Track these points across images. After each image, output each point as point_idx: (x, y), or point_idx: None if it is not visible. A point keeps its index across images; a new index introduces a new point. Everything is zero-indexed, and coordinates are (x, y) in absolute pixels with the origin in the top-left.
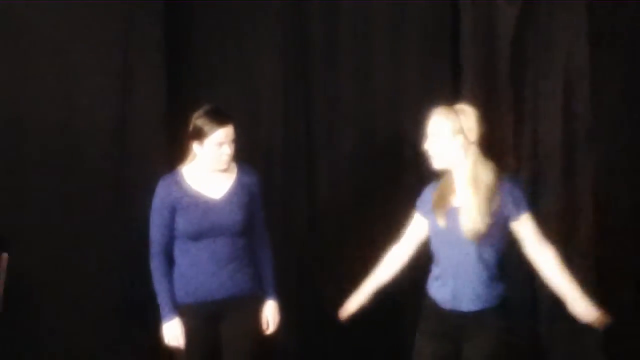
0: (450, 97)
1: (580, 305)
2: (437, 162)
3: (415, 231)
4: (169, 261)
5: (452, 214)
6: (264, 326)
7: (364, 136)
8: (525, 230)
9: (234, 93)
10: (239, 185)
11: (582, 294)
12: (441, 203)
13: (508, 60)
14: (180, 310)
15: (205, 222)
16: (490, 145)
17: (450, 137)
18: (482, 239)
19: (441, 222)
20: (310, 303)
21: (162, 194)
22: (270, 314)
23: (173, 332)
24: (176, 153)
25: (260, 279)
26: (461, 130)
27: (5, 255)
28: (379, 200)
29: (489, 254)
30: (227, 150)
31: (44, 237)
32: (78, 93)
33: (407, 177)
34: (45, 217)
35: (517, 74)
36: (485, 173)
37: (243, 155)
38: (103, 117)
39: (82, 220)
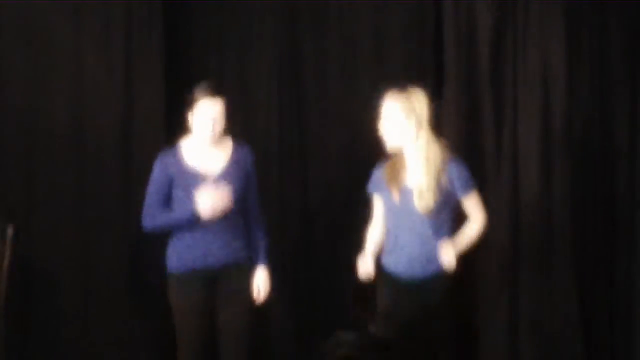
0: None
1: (447, 253)
2: (390, 142)
3: (380, 209)
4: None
5: (405, 191)
6: (255, 294)
7: (352, 133)
8: (471, 206)
9: (231, 91)
10: (234, 160)
11: (456, 251)
12: (394, 180)
13: (488, 60)
14: (177, 278)
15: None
16: (473, 145)
17: (402, 118)
18: (433, 213)
19: (395, 197)
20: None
21: (160, 166)
22: (261, 282)
23: (206, 200)
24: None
25: (252, 249)
26: (413, 112)
27: (11, 228)
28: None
29: (440, 227)
30: (213, 122)
31: (54, 224)
32: (85, 88)
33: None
34: (55, 205)
35: (496, 75)
36: (436, 153)
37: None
38: (108, 110)
39: (91, 206)
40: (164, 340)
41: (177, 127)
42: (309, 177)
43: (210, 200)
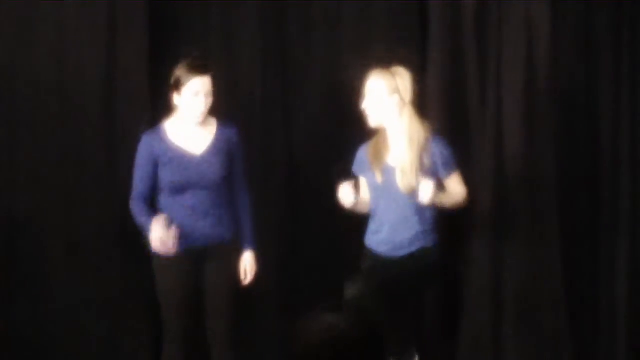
0: (417, 52)
1: (426, 188)
2: (373, 119)
3: (366, 191)
4: (149, 207)
5: (387, 170)
6: (242, 276)
7: (333, 94)
8: (453, 185)
9: (215, 51)
10: (219, 139)
11: (433, 199)
12: (378, 159)
13: (473, 20)
14: (165, 258)
15: (188, 176)
16: (457, 101)
17: (386, 96)
18: (416, 193)
19: (379, 177)
20: (288, 252)
21: (145, 149)
22: (248, 265)
23: (157, 233)
24: (159, 107)
25: (239, 228)
26: (397, 90)
27: None
28: (351, 146)
29: (424, 208)
30: (203, 100)
31: (36, 189)
32: (66, 52)
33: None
34: (36, 171)
35: (481, 33)
36: (419, 132)
37: (223, 111)
38: (90, 74)
39: (73, 171)
40: (151, 298)
41: (159, 83)
42: (292, 130)
43: (159, 238)
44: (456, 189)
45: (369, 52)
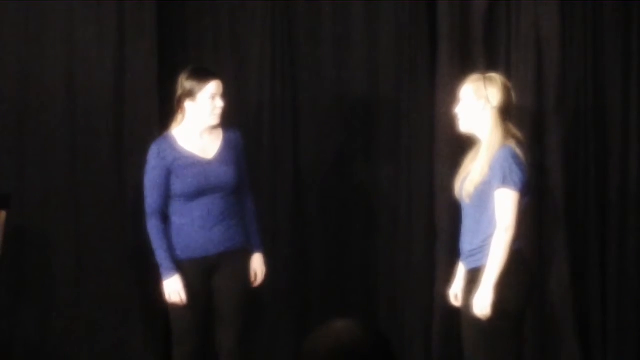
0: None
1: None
2: (462, 124)
3: None
4: (165, 220)
5: (464, 178)
6: (252, 279)
7: (344, 97)
8: (498, 204)
9: (224, 58)
10: (227, 144)
11: (490, 286)
12: (463, 167)
13: (481, 28)
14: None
15: (202, 182)
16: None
17: (474, 101)
18: (473, 200)
19: (457, 186)
20: (297, 257)
21: (156, 156)
22: (258, 267)
23: (174, 288)
24: (167, 112)
25: (248, 233)
26: (484, 96)
27: (3, 213)
28: (359, 156)
29: (482, 216)
30: (220, 102)
31: (45, 193)
32: (76, 58)
33: (382, 134)
34: (46, 177)
35: (490, 41)
36: (497, 139)
37: (232, 117)
38: (99, 81)
39: (82, 177)
40: (159, 304)
41: (169, 85)
42: (300, 136)
43: (172, 292)
44: (497, 219)
45: (376, 62)
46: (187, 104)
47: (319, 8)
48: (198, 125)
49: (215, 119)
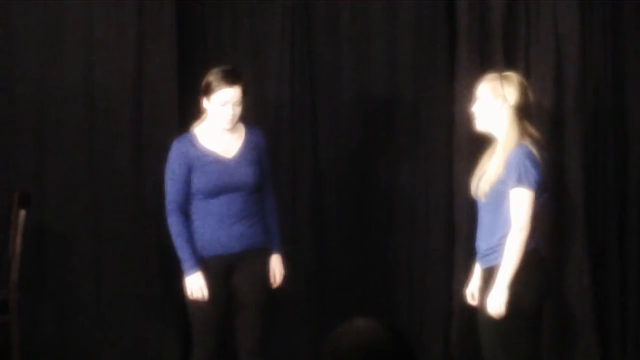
0: (446, 66)
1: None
2: (478, 123)
3: None
4: (186, 217)
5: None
6: (271, 279)
7: (363, 96)
8: (512, 204)
9: (244, 61)
10: (249, 144)
11: (504, 285)
12: (480, 166)
13: (500, 26)
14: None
15: (222, 180)
16: None
17: (490, 100)
18: (489, 199)
19: (473, 185)
20: (315, 257)
21: (177, 154)
22: (276, 268)
23: (196, 285)
24: (186, 112)
25: (268, 233)
26: (501, 95)
27: (23, 212)
28: (378, 154)
29: (497, 215)
30: (230, 110)
31: (65, 192)
32: (96, 50)
33: (401, 133)
34: (65, 179)
35: (509, 40)
36: (513, 138)
37: (252, 114)
38: (119, 84)
39: (101, 178)
40: (178, 303)
41: (189, 86)
42: (319, 135)
43: (194, 288)
44: (511, 219)
45: (395, 62)
46: (204, 102)
47: (338, 7)
48: (213, 124)
49: (227, 124)
